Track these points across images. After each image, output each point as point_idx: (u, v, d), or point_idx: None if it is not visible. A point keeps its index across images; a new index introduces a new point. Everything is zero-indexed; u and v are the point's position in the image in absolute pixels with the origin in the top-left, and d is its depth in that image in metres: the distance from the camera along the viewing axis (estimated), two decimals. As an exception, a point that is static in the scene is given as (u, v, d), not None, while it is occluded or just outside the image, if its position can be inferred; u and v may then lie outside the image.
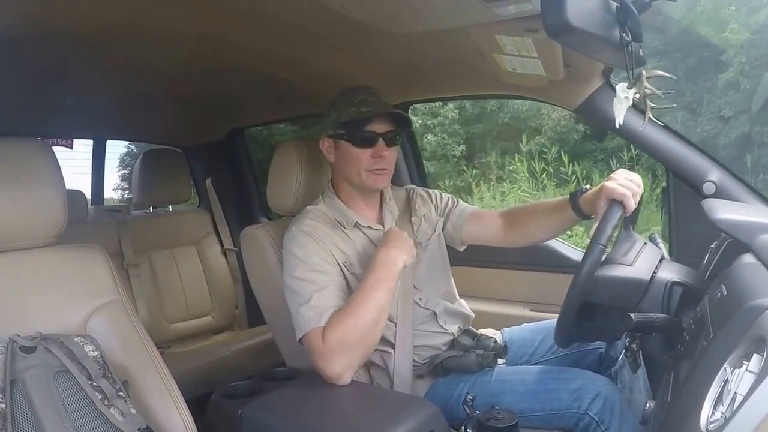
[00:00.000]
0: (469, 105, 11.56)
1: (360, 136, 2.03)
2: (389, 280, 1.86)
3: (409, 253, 1.95)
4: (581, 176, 8.28)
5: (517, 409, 1.75)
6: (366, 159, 2.03)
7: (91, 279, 1.72)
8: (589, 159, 9.75)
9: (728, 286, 1.39)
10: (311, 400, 1.80)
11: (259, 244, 2.20)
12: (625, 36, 1.39)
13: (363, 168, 2.04)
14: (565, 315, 1.75)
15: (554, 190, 8.35)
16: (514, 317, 2.87)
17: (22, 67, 2.40)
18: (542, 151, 9.03)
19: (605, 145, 9.75)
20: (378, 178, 2.06)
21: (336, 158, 2.11)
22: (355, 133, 2.03)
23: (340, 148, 2.08)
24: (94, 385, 1.42)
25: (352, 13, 1.84)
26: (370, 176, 2.05)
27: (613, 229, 1.79)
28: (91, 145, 4.31)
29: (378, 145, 2.03)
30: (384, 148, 2.04)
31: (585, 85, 2.29)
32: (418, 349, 2.11)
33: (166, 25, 2.09)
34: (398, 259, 1.90)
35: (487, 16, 1.67)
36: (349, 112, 2.03)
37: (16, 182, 1.60)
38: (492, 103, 9.78)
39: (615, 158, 8.55)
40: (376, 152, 2.03)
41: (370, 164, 2.04)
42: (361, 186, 2.10)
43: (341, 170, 2.12)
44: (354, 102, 2.04)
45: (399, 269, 1.90)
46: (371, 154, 2.03)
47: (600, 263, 1.74)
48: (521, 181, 8.74)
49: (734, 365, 1.12)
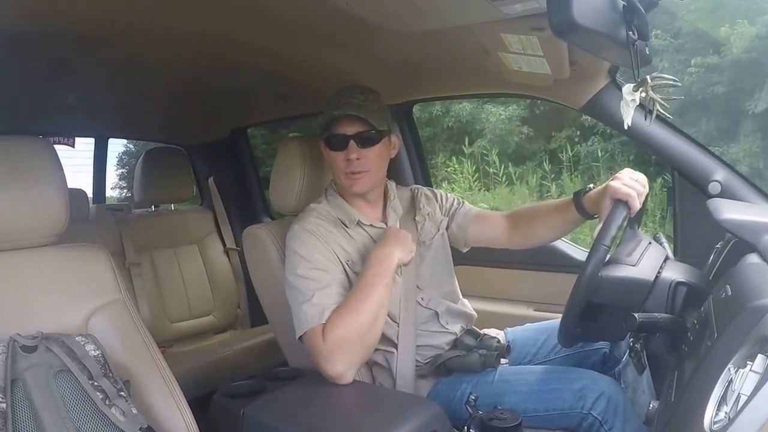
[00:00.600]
0: (418, 110, 11.70)
1: (332, 138, 2.04)
2: (385, 276, 1.86)
3: (404, 250, 1.95)
4: (515, 176, 8.67)
5: (520, 409, 1.75)
6: (341, 161, 2.03)
7: (92, 278, 1.72)
8: (532, 160, 9.84)
9: (733, 286, 1.38)
10: (314, 399, 1.80)
11: (261, 244, 2.19)
12: (632, 34, 1.38)
13: (340, 171, 2.04)
14: (568, 315, 1.74)
15: (484, 193, 8.78)
16: (517, 317, 2.86)
17: (23, 65, 2.39)
18: (483, 153, 9.31)
19: (551, 146, 9.90)
20: (354, 182, 2.04)
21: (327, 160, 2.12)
22: (328, 136, 2.04)
23: (325, 151, 2.09)
24: (95, 385, 1.41)
25: (356, 10, 1.83)
26: (347, 180, 2.04)
27: (618, 230, 1.78)
28: (89, 143, 4.30)
29: (349, 148, 2.01)
30: (354, 150, 2.01)
31: (591, 83, 2.28)
32: (421, 349, 2.10)
33: (168, 22, 2.08)
34: (393, 255, 1.90)
35: (493, 15, 1.65)
36: (326, 116, 2.04)
37: (18, 181, 1.59)
38: (437, 107, 9.86)
39: (549, 160, 8.85)
40: (347, 154, 2.01)
41: (345, 167, 2.03)
42: (342, 189, 2.10)
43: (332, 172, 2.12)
44: (332, 104, 2.04)
45: (394, 265, 1.89)
46: (344, 157, 2.02)
47: (604, 264, 1.73)
48: (460, 182, 8.97)
49: (738, 365, 1.12)
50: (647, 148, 2.33)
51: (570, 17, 1.17)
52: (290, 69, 2.69)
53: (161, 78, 2.82)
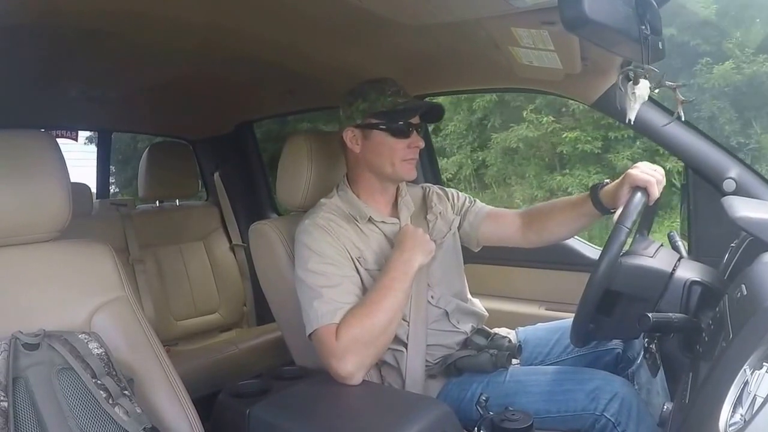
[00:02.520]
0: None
1: (399, 126, 2.03)
2: (404, 281, 1.86)
3: (424, 253, 1.94)
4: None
5: (531, 410, 1.74)
6: (402, 149, 2.04)
7: (95, 275, 1.70)
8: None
9: (748, 286, 1.36)
10: (321, 399, 1.79)
11: (268, 240, 2.17)
12: (644, 29, 1.36)
13: (398, 158, 2.05)
14: (584, 305, 1.74)
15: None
16: (529, 316, 2.85)
17: (26, 58, 2.38)
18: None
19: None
20: (411, 168, 2.08)
21: (364, 148, 2.09)
22: (393, 123, 2.03)
23: (370, 138, 2.06)
24: (98, 383, 1.39)
25: (366, 4, 1.82)
26: (404, 166, 2.06)
27: (638, 215, 1.78)
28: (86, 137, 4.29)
29: (413, 136, 2.05)
30: (418, 139, 2.07)
31: (603, 79, 2.25)
32: (431, 349, 2.09)
33: (174, 14, 2.06)
34: (413, 260, 1.90)
35: (503, 8, 1.64)
36: (385, 103, 2.03)
37: (20, 175, 1.57)
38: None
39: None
40: (412, 143, 2.05)
41: (405, 154, 2.05)
42: (392, 176, 2.10)
43: (369, 161, 2.09)
44: (387, 93, 2.05)
45: (414, 270, 1.89)
46: (408, 144, 2.04)
47: (623, 250, 1.74)
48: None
49: (754, 367, 1.10)
50: (661, 145, 2.31)
51: (581, 11, 1.17)
52: (298, 63, 2.67)
53: (166, 71, 2.80)
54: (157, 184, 3.82)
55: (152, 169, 3.78)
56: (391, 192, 2.18)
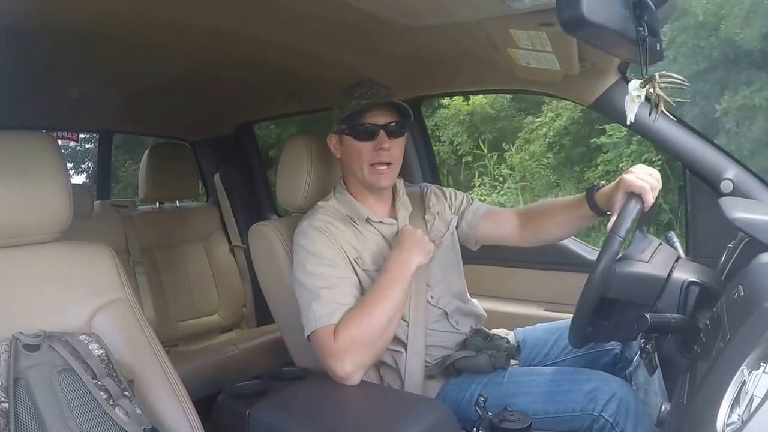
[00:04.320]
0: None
1: (360, 128, 2.02)
2: (402, 282, 1.86)
3: (423, 253, 1.94)
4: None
5: (530, 410, 1.75)
6: (368, 152, 2.02)
7: (96, 276, 1.70)
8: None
9: (746, 287, 1.36)
10: (320, 400, 1.80)
11: (267, 242, 2.18)
12: (642, 31, 1.36)
13: (365, 162, 2.03)
14: (580, 311, 1.73)
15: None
16: (527, 317, 2.86)
17: (27, 59, 2.38)
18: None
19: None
20: (380, 176, 2.05)
21: (342, 154, 2.11)
22: (355, 125, 2.02)
23: (344, 144, 2.08)
24: (98, 384, 1.40)
25: (364, 5, 1.82)
26: (372, 172, 2.04)
27: (632, 223, 1.77)
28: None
29: (379, 137, 2.02)
30: (385, 140, 2.02)
31: (600, 80, 2.27)
32: (430, 349, 2.09)
33: (174, 16, 2.06)
34: (411, 261, 1.90)
35: (502, 10, 1.65)
36: (350, 106, 2.02)
37: (20, 176, 1.58)
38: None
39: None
40: (377, 144, 2.02)
41: (372, 157, 2.02)
42: (365, 182, 2.08)
43: (347, 166, 2.11)
44: (354, 95, 2.03)
45: (412, 271, 1.89)
46: (372, 147, 2.02)
47: (617, 258, 1.73)
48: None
49: (752, 367, 1.10)
50: (658, 146, 2.32)
51: (579, 13, 1.16)
52: (297, 64, 2.67)
53: (166, 72, 2.80)
54: (158, 185, 3.81)
55: (152, 171, 3.77)
56: (384, 194, 2.17)
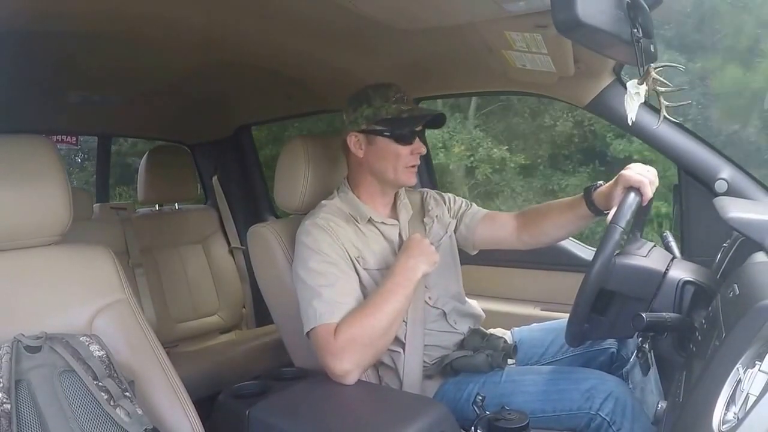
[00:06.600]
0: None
1: (403, 133, 2.05)
2: (407, 287, 1.87)
3: (429, 263, 1.95)
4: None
5: (527, 409, 1.74)
6: (406, 155, 2.05)
7: (96, 278, 1.71)
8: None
9: (741, 285, 1.37)
10: (320, 400, 1.80)
11: (266, 243, 2.18)
12: (636, 32, 1.37)
13: (401, 164, 2.06)
14: (579, 305, 1.75)
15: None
16: (524, 317, 2.87)
17: (26, 63, 2.38)
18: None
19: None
20: (412, 175, 2.09)
21: (367, 153, 2.10)
22: (398, 130, 2.04)
23: (374, 144, 2.07)
24: (99, 385, 1.40)
25: (360, 8, 1.83)
26: (406, 172, 2.07)
27: (631, 215, 1.79)
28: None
29: (416, 142, 2.06)
30: (421, 145, 2.08)
31: (595, 81, 2.28)
32: (428, 349, 2.10)
33: (173, 20, 2.07)
34: (418, 268, 1.91)
35: (497, 12, 1.66)
36: (390, 110, 2.04)
37: (20, 180, 1.58)
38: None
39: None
40: (415, 149, 2.06)
41: (408, 160, 2.06)
42: (393, 182, 2.11)
43: (372, 165, 2.10)
44: (391, 99, 2.05)
45: (418, 278, 1.90)
46: (411, 151, 2.06)
47: (617, 249, 1.75)
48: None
49: (747, 365, 1.11)
50: (653, 146, 2.32)
51: (574, 15, 1.17)
52: (295, 67, 2.68)
53: (165, 76, 2.81)
54: (157, 188, 3.80)
55: (151, 173, 3.77)
56: (390, 195, 2.19)
